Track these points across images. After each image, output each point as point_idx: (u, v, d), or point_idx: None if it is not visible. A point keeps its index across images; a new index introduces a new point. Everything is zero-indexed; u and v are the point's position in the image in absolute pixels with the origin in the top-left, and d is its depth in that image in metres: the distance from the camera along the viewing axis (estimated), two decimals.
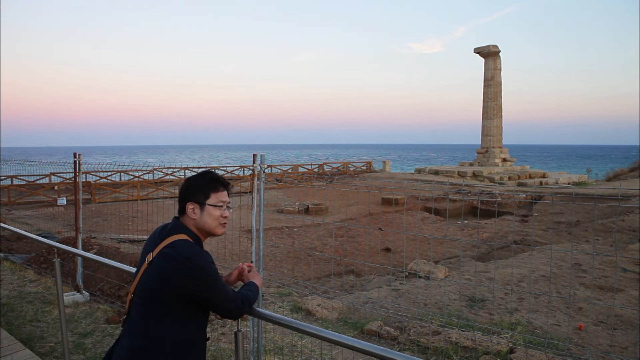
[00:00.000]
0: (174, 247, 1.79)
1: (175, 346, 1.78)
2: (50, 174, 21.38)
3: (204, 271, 1.77)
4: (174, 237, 1.83)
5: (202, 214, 1.90)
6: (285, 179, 15.09)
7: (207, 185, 1.92)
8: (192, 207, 1.89)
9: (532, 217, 16.21)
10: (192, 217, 1.89)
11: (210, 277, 1.79)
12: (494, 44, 32.76)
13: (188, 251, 1.78)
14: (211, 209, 1.90)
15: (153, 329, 1.78)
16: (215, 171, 2.04)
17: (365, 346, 1.76)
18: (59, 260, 3.45)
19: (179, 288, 1.75)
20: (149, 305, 1.79)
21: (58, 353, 4.33)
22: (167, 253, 1.78)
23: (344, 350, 4.11)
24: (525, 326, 5.27)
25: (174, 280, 1.75)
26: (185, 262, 1.75)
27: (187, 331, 1.81)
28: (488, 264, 9.09)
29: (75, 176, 6.32)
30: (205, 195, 1.90)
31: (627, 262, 8.48)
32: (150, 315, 1.79)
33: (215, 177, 1.96)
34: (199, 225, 1.91)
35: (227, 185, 1.99)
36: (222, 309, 1.85)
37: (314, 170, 32.32)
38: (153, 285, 1.78)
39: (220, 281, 1.83)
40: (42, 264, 7.44)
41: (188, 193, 1.91)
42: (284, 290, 6.78)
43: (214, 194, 1.92)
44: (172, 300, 1.77)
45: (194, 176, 1.96)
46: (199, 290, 1.77)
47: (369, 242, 12.44)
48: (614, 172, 29.10)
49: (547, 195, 16.49)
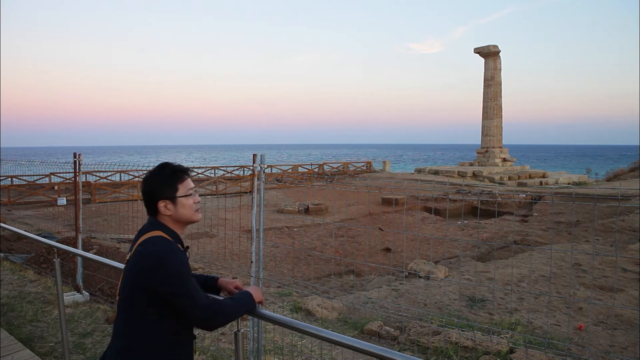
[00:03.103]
0: (145, 244, 1.77)
1: (157, 346, 1.77)
2: (50, 174, 21.38)
3: (173, 269, 1.71)
4: (148, 235, 1.82)
5: (176, 207, 1.86)
6: (285, 179, 15.09)
7: (172, 179, 1.87)
8: (164, 204, 1.85)
9: (532, 217, 16.21)
10: (166, 214, 1.86)
11: (179, 276, 1.72)
12: (494, 44, 32.77)
13: (158, 248, 1.75)
14: (183, 200, 1.86)
15: (134, 329, 1.78)
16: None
17: (365, 346, 1.76)
18: (59, 260, 3.45)
19: (149, 286, 1.73)
20: (128, 305, 1.80)
21: (58, 353, 4.33)
22: (139, 251, 1.77)
23: (344, 350, 4.10)
24: (525, 326, 5.27)
25: (144, 278, 1.74)
26: (154, 260, 1.73)
27: (169, 331, 1.79)
28: (488, 264, 9.09)
29: (75, 176, 6.32)
30: (173, 189, 1.86)
31: (627, 262, 8.47)
32: (130, 315, 1.80)
33: (175, 168, 1.90)
34: (176, 219, 1.87)
35: (188, 171, 1.94)
36: (190, 315, 1.74)
37: (314, 170, 32.32)
38: (129, 284, 1.79)
39: (190, 283, 1.74)
40: (42, 264, 7.43)
41: (155, 193, 1.86)
42: (284, 290, 6.77)
43: (181, 184, 1.87)
44: (146, 299, 1.76)
45: (153, 174, 1.89)
46: (166, 289, 1.71)
47: (369, 242, 12.44)
48: (614, 172, 29.11)
49: (547, 195, 16.50)
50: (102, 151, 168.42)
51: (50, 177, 21.82)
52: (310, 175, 22.38)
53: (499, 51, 33.00)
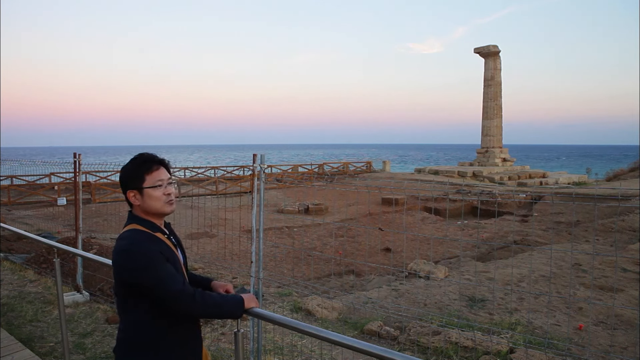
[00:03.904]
0: (117, 240, 1.82)
1: (143, 335, 1.80)
2: (50, 174, 21.38)
3: (137, 261, 1.71)
4: (123, 230, 1.86)
5: (144, 198, 1.85)
6: (285, 179, 15.09)
7: (139, 169, 1.86)
8: (132, 194, 1.85)
9: (532, 217, 16.21)
10: (136, 204, 1.86)
11: (145, 266, 1.71)
12: (494, 44, 32.77)
13: (123, 242, 1.77)
14: (150, 191, 1.84)
15: (126, 321, 1.84)
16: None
17: (365, 346, 1.76)
18: (59, 260, 3.45)
19: (124, 279, 1.76)
20: (117, 299, 1.86)
21: (58, 353, 4.33)
22: (115, 246, 1.82)
23: (344, 350, 4.11)
24: (525, 326, 5.27)
25: (117, 272, 1.78)
26: (120, 254, 1.76)
27: (158, 322, 1.81)
28: (488, 264, 9.09)
29: (75, 176, 6.32)
30: (140, 179, 1.85)
31: (627, 262, 8.47)
32: (122, 308, 1.85)
33: (146, 158, 1.89)
34: (146, 210, 1.86)
35: (162, 162, 1.92)
36: (163, 301, 1.73)
37: (314, 170, 32.31)
38: (114, 279, 1.85)
39: (161, 270, 1.72)
40: (42, 264, 7.43)
41: (125, 182, 1.87)
42: (284, 290, 6.77)
43: (148, 175, 1.85)
44: (128, 292, 1.79)
45: (126, 164, 1.90)
46: (135, 281, 1.72)
47: (369, 242, 12.43)
48: (614, 172, 29.11)
49: (547, 195, 16.50)
50: (103, 151, 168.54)
51: (50, 177, 21.82)
52: (310, 175, 22.39)
53: (499, 51, 33.00)
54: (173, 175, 2.00)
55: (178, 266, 1.86)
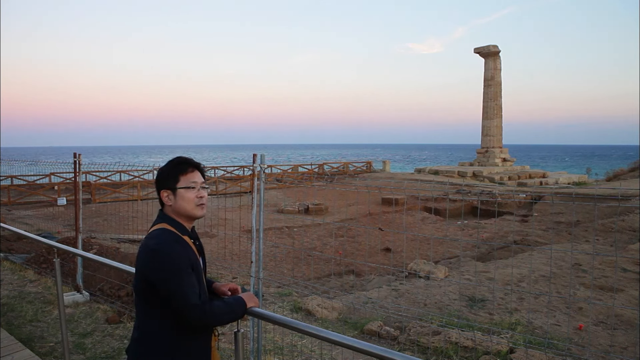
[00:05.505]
0: (146, 238, 1.82)
1: (162, 338, 1.80)
2: (50, 174, 21.39)
3: (165, 262, 1.72)
4: (152, 228, 1.86)
5: (176, 199, 1.87)
6: (285, 179, 15.09)
7: (175, 170, 1.89)
8: (166, 194, 1.88)
9: (532, 217, 16.21)
10: (168, 204, 1.88)
11: (172, 268, 1.72)
12: (494, 44, 32.76)
13: (154, 241, 1.77)
14: (183, 192, 1.87)
15: (143, 321, 1.83)
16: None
17: (365, 346, 1.76)
18: (59, 260, 3.45)
19: (146, 278, 1.76)
20: (137, 298, 1.86)
21: (58, 353, 4.33)
22: (142, 244, 1.81)
23: (344, 350, 4.10)
24: (525, 326, 5.27)
25: (142, 271, 1.78)
26: (149, 252, 1.76)
27: (173, 324, 1.80)
28: (488, 264, 9.09)
29: (75, 176, 6.32)
30: (174, 179, 1.88)
31: (627, 262, 8.47)
32: (139, 308, 1.85)
33: (182, 160, 1.93)
34: (177, 211, 1.88)
35: (197, 165, 1.95)
36: (180, 313, 1.73)
37: (314, 170, 32.31)
38: (136, 278, 1.84)
39: (185, 278, 1.72)
40: (42, 264, 7.43)
41: (159, 182, 1.90)
42: (284, 290, 6.77)
43: (183, 176, 1.88)
44: (147, 292, 1.78)
45: (163, 165, 1.94)
46: (160, 283, 1.72)
47: (369, 242, 12.44)
48: (614, 172, 29.11)
49: (547, 195, 16.50)
50: (105, 151, 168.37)
51: (50, 177, 21.82)
52: (310, 175, 22.38)
53: (499, 51, 32.99)
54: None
55: (200, 275, 1.87)
